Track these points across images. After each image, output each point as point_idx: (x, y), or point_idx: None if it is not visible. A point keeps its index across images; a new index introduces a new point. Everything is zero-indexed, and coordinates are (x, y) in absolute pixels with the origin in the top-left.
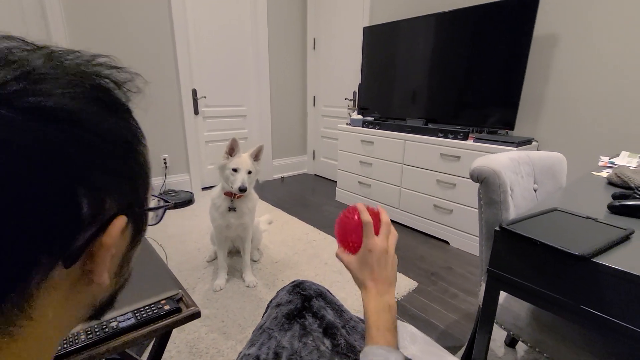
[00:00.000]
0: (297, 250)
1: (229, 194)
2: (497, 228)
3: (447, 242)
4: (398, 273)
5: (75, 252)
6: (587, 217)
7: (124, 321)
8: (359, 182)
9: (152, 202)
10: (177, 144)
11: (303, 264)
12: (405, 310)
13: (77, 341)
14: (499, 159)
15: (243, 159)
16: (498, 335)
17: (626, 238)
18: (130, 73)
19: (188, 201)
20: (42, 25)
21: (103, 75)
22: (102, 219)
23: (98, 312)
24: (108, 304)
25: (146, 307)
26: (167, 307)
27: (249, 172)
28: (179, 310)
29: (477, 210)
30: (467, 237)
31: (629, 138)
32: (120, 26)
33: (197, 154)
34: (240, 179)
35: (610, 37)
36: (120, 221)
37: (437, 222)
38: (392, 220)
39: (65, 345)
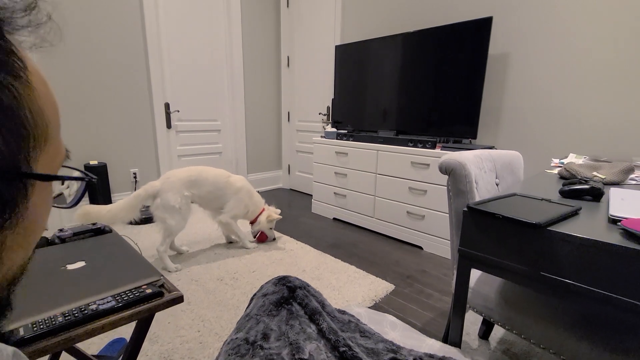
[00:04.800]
0: (274, 259)
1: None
2: (464, 208)
3: (420, 248)
4: (375, 277)
5: None
6: (542, 199)
7: (103, 304)
8: (335, 193)
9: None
10: (148, 158)
11: (281, 272)
12: (384, 311)
13: (54, 323)
14: (464, 154)
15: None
16: (472, 329)
17: (575, 213)
18: None
19: None
20: None
21: None
22: None
23: None
24: None
25: (127, 292)
26: (149, 291)
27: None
28: (161, 294)
29: (448, 215)
30: (439, 242)
31: (575, 142)
32: (90, 37)
33: (169, 168)
34: None
35: (553, 54)
36: None
37: (411, 229)
38: (367, 229)
39: (41, 326)
